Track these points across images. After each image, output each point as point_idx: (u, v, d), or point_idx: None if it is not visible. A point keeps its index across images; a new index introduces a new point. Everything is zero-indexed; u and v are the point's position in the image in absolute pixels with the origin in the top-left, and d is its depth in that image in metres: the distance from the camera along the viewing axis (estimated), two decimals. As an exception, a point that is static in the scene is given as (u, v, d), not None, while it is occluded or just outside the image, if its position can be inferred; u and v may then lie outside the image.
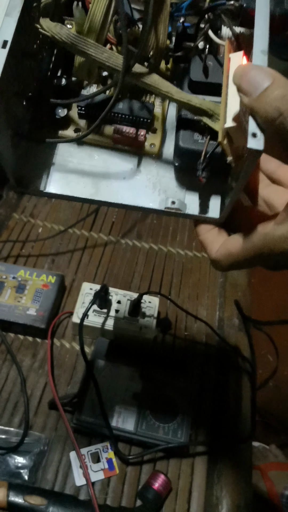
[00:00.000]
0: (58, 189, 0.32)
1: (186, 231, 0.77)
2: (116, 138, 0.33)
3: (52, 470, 0.49)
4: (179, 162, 0.33)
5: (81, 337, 0.52)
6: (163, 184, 0.33)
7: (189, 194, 0.33)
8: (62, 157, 0.33)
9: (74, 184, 0.32)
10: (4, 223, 0.73)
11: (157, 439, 0.49)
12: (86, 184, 0.32)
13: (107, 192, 0.32)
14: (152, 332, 0.56)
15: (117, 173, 0.33)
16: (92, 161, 0.33)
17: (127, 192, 0.33)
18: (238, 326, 0.63)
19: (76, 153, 0.33)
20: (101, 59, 0.28)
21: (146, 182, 0.33)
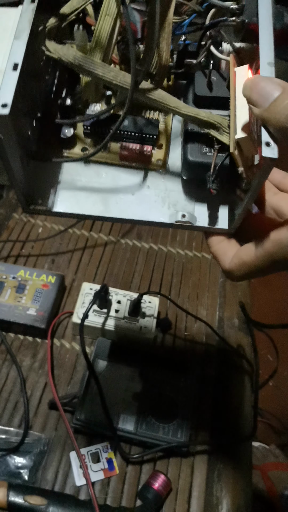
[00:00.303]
0: (68, 208, 0.32)
1: (186, 231, 0.77)
2: (123, 155, 0.33)
3: (52, 470, 0.49)
4: (187, 175, 0.33)
5: (82, 337, 0.52)
6: (172, 198, 0.33)
7: (198, 206, 0.33)
8: (70, 176, 0.33)
9: (83, 202, 0.32)
10: (4, 223, 0.73)
11: (157, 439, 0.49)
12: (96, 202, 0.33)
13: (117, 208, 0.33)
14: (152, 332, 0.56)
15: (126, 189, 0.33)
16: (100, 178, 0.34)
17: (137, 208, 0.33)
18: (238, 326, 0.63)
19: (84, 172, 0.34)
20: (109, 78, 0.28)
21: (155, 197, 0.33)
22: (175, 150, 0.35)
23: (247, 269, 0.29)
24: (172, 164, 0.34)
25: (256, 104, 0.24)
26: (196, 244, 0.75)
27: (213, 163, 0.30)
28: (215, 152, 0.30)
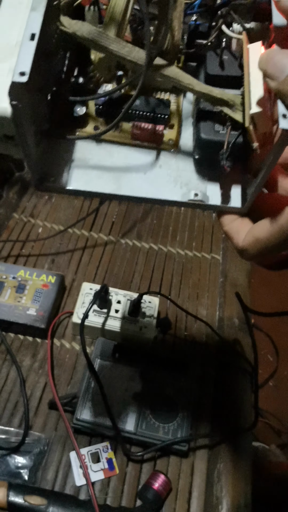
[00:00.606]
0: (81, 186, 0.32)
1: (186, 231, 0.77)
2: (135, 134, 0.33)
3: (52, 470, 0.49)
4: (200, 154, 0.33)
5: (83, 337, 0.53)
6: (184, 177, 0.33)
7: (210, 185, 0.33)
8: (82, 154, 0.33)
9: (95, 180, 0.32)
10: (4, 223, 0.73)
11: (157, 439, 0.49)
12: (108, 180, 0.33)
13: (129, 187, 0.33)
14: (152, 332, 0.56)
15: (138, 168, 0.33)
16: (112, 158, 0.33)
17: (149, 187, 0.33)
18: (238, 326, 0.63)
19: (96, 151, 0.33)
20: (123, 54, 0.28)
21: (167, 176, 0.33)
22: (186, 130, 0.35)
23: (261, 246, 0.29)
24: (184, 144, 0.34)
25: (272, 76, 0.24)
26: (196, 244, 0.75)
27: (226, 140, 0.30)
28: (228, 130, 0.30)
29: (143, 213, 0.78)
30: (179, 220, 0.78)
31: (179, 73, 0.29)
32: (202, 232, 0.77)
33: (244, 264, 0.72)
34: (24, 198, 0.77)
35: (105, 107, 0.33)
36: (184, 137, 0.35)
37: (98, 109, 0.33)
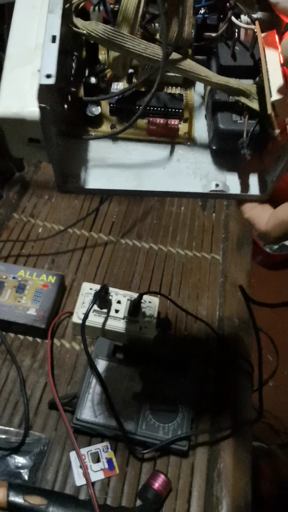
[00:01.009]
0: (102, 185, 0.32)
1: (186, 231, 0.77)
2: (151, 130, 0.34)
3: (52, 470, 0.49)
4: (218, 145, 0.33)
5: (84, 337, 0.53)
6: (202, 169, 0.34)
7: (229, 175, 0.34)
8: (99, 154, 0.33)
9: (116, 178, 0.33)
10: (4, 223, 0.73)
11: (157, 439, 0.49)
12: (128, 177, 0.33)
13: (150, 182, 0.33)
14: (152, 332, 0.56)
15: (156, 163, 0.34)
16: (129, 155, 0.34)
17: (169, 181, 0.33)
18: (238, 326, 0.63)
19: (113, 149, 0.34)
20: (139, 51, 0.28)
21: (186, 169, 0.34)
22: (197, 122, 0.35)
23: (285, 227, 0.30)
24: (199, 137, 0.35)
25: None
26: (196, 244, 0.75)
27: (245, 129, 0.31)
28: (246, 119, 0.31)
29: (143, 213, 0.78)
30: (179, 220, 0.78)
31: (195, 66, 0.30)
32: (202, 232, 0.77)
33: (244, 264, 0.72)
34: (24, 198, 0.77)
35: (118, 105, 0.33)
36: (198, 129, 0.35)
37: (112, 108, 0.33)
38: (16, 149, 0.28)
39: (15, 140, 0.27)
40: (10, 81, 0.26)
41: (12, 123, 0.26)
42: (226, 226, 0.78)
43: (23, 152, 0.29)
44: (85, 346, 0.52)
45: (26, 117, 0.25)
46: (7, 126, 0.26)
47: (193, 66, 0.30)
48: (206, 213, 0.80)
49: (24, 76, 0.26)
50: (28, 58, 0.27)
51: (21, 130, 0.26)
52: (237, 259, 0.73)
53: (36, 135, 0.26)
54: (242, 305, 0.66)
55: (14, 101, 0.25)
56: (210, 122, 0.33)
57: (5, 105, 0.25)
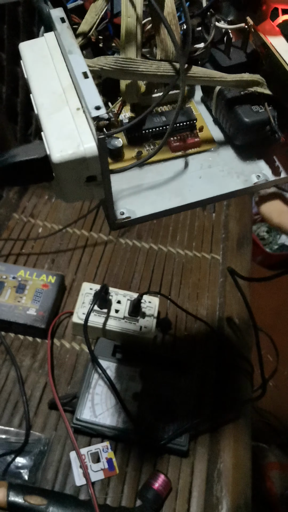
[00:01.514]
0: (149, 210, 0.32)
1: (186, 231, 0.77)
2: (174, 147, 0.34)
3: (52, 470, 0.49)
4: (243, 139, 0.34)
5: (87, 336, 0.53)
6: (236, 168, 0.34)
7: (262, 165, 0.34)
8: (132, 183, 0.33)
9: (159, 200, 0.33)
10: (4, 223, 0.73)
11: (157, 439, 0.49)
12: (170, 196, 0.33)
13: (193, 194, 0.33)
14: (152, 332, 0.56)
15: (191, 175, 0.34)
16: (161, 176, 0.34)
17: (210, 187, 0.33)
18: (238, 326, 0.63)
19: (143, 175, 0.34)
20: (153, 71, 0.29)
21: (220, 172, 0.34)
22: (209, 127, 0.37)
23: None
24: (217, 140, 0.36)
25: None
26: (196, 244, 0.75)
27: (270, 115, 0.32)
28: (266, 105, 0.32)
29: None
30: (179, 220, 0.78)
31: (207, 71, 0.31)
32: (202, 232, 0.77)
33: (244, 264, 0.72)
34: (24, 198, 0.77)
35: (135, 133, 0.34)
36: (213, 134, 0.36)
37: (130, 138, 0.34)
38: (72, 193, 0.27)
39: (72, 184, 0.26)
40: (53, 127, 0.25)
41: (70, 166, 0.25)
42: (226, 226, 0.78)
43: (79, 195, 0.28)
44: (88, 345, 0.52)
45: (85, 155, 0.25)
46: (64, 171, 0.25)
47: (205, 72, 0.30)
48: (206, 213, 0.80)
49: (65, 119, 0.26)
50: (61, 101, 0.27)
51: (79, 171, 0.26)
52: (237, 259, 0.73)
53: (94, 171, 0.26)
54: (242, 305, 0.66)
55: (66, 143, 0.25)
56: (229, 121, 0.34)
57: (58, 149, 0.25)
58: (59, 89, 0.27)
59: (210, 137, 0.36)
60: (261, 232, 1.65)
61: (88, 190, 0.27)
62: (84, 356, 0.58)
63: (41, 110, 0.26)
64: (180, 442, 0.50)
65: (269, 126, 0.32)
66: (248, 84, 0.32)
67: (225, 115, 0.34)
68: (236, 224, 0.78)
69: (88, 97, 0.25)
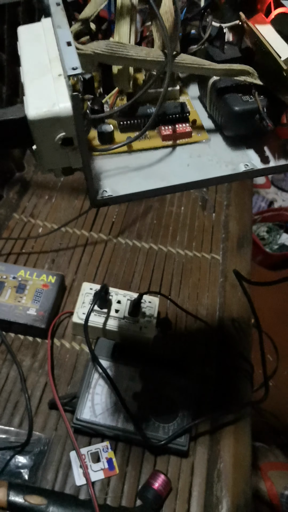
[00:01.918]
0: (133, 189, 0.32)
1: (186, 231, 0.77)
2: (165, 135, 0.35)
3: (52, 469, 0.49)
4: (234, 129, 0.34)
5: (87, 336, 0.53)
6: (225, 158, 0.35)
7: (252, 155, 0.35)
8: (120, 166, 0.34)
9: (143, 182, 0.33)
10: (4, 223, 0.73)
11: (157, 439, 0.49)
12: (155, 179, 0.33)
13: (178, 177, 0.33)
14: (152, 332, 0.56)
15: (179, 163, 0.34)
16: (150, 161, 0.34)
17: (198, 173, 0.34)
18: (238, 326, 0.64)
19: (132, 160, 0.34)
20: (143, 56, 0.30)
21: (209, 162, 0.34)
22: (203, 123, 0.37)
23: None
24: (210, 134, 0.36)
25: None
26: (196, 244, 0.75)
27: (259, 104, 0.32)
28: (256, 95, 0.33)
29: (143, 213, 0.79)
30: (179, 220, 0.78)
31: (198, 59, 0.31)
32: (202, 232, 0.77)
33: (244, 264, 0.72)
34: (24, 198, 0.77)
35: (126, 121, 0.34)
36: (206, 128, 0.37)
37: (122, 125, 0.34)
38: (49, 158, 0.28)
39: (48, 147, 0.27)
40: (33, 89, 0.27)
41: (45, 124, 0.26)
42: (226, 226, 0.78)
43: (56, 160, 0.28)
44: (88, 344, 0.52)
45: (58, 113, 0.25)
46: (39, 130, 0.26)
47: (195, 60, 0.31)
48: (206, 213, 0.80)
49: (46, 83, 0.27)
50: (46, 69, 0.28)
51: (54, 131, 0.26)
52: (237, 259, 0.73)
53: (69, 132, 0.27)
54: (242, 305, 0.66)
55: (42, 102, 0.26)
56: (219, 110, 0.34)
57: (34, 107, 0.26)
58: (46, 60, 0.28)
59: (203, 130, 0.36)
60: (261, 232, 1.65)
61: (64, 155, 0.28)
62: (84, 356, 0.58)
63: (25, 77, 0.28)
64: (180, 442, 0.50)
65: (258, 115, 0.32)
66: (238, 73, 0.32)
67: (216, 105, 0.35)
68: (236, 224, 0.78)
69: (68, 59, 0.26)
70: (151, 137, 0.35)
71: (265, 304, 1.40)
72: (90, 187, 0.31)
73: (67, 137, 0.27)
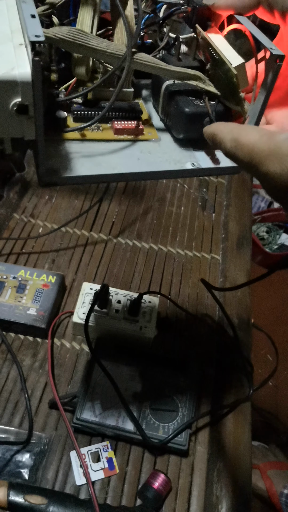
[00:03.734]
0: (82, 172, 0.33)
1: (186, 231, 0.77)
2: (117, 129, 0.36)
3: (53, 469, 0.49)
4: (185, 130, 0.36)
5: (87, 337, 0.53)
6: (174, 157, 0.36)
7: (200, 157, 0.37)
8: (73, 152, 0.35)
9: (95, 167, 0.34)
10: (4, 223, 0.73)
11: (157, 438, 0.49)
12: (106, 167, 0.34)
13: (129, 168, 0.34)
14: (152, 332, 0.56)
15: (129, 156, 0.35)
16: (102, 151, 0.35)
17: (146, 165, 0.35)
18: (238, 326, 0.64)
19: (84, 149, 0.35)
20: (103, 48, 0.31)
21: (159, 159, 0.36)
22: None
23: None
24: (161, 135, 0.38)
25: None
26: (196, 244, 0.75)
27: (208, 108, 0.35)
28: (207, 100, 0.35)
29: (143, 213, 0.79)
30: (179, 220, 0.79)
31: (155, 59, 0.33)
32: (202, 232, 0.77)
33: (244, 264, 0.73)
34: (24, 198, 0.78)
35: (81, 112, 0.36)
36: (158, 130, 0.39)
37: (76, 115, 0.36)
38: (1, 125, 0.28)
39: (2, 112, 0.27)
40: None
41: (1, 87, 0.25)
42: (226, 226, 0.78)
43: (7, 129, 0.28)
44: (88, 344, 0.52)
45: (16, 77, 0.25)
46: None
47: (152, 59, 0.33)
48: (206, 213, 0.81)
49: (6, 50, 0.27)
50: (6, 39, 0.27)
51: (9, 96, 0.26)
52: (236, 259, 0.73)
53: (25, 99, 0.26)
54: (242, 305, 0.67)
55: (1, 65, 0.25)
56: (171, 113, 0.36)
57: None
58: (7, 31, 0.28)
59: (154, 130, 0.38)
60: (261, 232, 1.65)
61: (18, 123, 0.27)
62: (84, 356, 0.58)
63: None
64: (180, 441, 0.50)
65: (208, 118, 0.34)
66: (190, 77, 0.35)
67: (168, 108, 0.37)
68: (236, 224, 0.79)
69: (31, 28, 0.26)
70: (104, 130, 0.36)
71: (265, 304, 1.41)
72: (41, 162, 0.30)
73: (22, 104, 0.26)
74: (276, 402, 1.22)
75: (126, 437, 0.50)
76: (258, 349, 1.29)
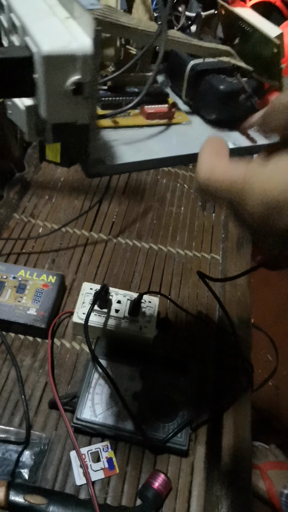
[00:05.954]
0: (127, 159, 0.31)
1: (186, 231, 0.77)
2: (149, 114, 0.35)
3: (53, 469, 0.49)
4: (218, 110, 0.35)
5: (87, 336, 0.53)
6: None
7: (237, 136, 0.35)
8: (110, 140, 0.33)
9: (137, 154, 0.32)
10: (4, 223, 0.73)
11: (157, 438, 0.49)
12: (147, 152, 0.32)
13: (170, 152, 0.33)
14: (152, 332, 0.56)
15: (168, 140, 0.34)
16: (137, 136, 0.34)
17: (187, 149, 0.33)
18: (238, 326, 0.64)
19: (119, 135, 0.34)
20: (134, 25, 0.29)
21: (196, 141, 0.34)
22: None
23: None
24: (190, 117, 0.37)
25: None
26: (196, 244, 0.75)
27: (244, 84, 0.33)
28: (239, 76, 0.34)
29: (143, 213, 0.79)
30: (179, 220, 0.79)
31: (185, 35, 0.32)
32: (202, 232, 0.77)
33: (244, 264, 0.72)
34: (24, 198, 0.78)
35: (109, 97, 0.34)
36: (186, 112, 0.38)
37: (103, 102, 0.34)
38: (54, 108, 0.24)
39: (55, 94, 0.23)
40: (40, 28, 0.23)
41: (58, 64, 0.22)
42: (226, 226, 0.78)
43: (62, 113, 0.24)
44: (88, 344, 0.52)
45: (75, 51, 0.22)
46: (50, 70, 0.22)
47: (182, 35, 0.31)
48: (206, 213, 0.81)
49: (54, 24, 0.24)
50: (48, 13, 0.24)
51: (67, 73, 0.23)
52: (236, 259, 0.73)
53: (85, 76, 0.23)
54: (242, 305, 0.67)
55: (56, 39, 0.22)
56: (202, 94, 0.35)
57: (47, 43, 0.22)
58: (44, 7, 0.25)
59: (183, 113, 0.37)
60: (261, 232, 1.65)
61: (74, 106, 0.24)
62: (84, 356, 0.58)
63: (25, 19, 0.24)
64: (180, 441, 0.50)
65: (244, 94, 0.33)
66: (221, 53, 0.33)
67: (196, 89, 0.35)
68: (236, 224, 0.78)
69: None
70: (133, 116, 0.35)
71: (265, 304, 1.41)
72: (91, 151, 0.28)
73: (80, 82, 0.23)
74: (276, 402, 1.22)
75: (126, 437, 0.50)
76: (258, 349, 1.29)
